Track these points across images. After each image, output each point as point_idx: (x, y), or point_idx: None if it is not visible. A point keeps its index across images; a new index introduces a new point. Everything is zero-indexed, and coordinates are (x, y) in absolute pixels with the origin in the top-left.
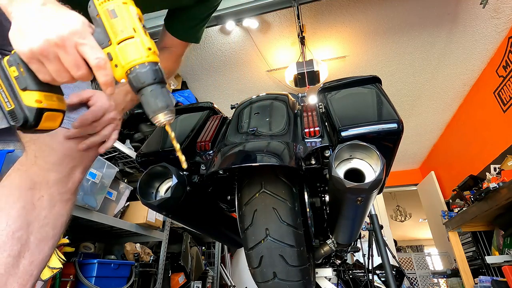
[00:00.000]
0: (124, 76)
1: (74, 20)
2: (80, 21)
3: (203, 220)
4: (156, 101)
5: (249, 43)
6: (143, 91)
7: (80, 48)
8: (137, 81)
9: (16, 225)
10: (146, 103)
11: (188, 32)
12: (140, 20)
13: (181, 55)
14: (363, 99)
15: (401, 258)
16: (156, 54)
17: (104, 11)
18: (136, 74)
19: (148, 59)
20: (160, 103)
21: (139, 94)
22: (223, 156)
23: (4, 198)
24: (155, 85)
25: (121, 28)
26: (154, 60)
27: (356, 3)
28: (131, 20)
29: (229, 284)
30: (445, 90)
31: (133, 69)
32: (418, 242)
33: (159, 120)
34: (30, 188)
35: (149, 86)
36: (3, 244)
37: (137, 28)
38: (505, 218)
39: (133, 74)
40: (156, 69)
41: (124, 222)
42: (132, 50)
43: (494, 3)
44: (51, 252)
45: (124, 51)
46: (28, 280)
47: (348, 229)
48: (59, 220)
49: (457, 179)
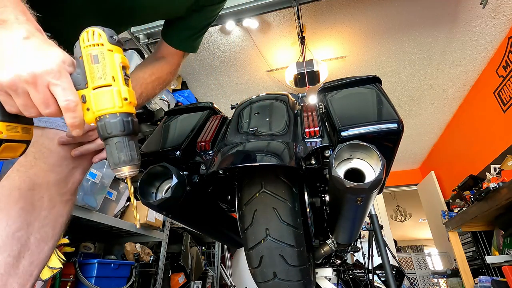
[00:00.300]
0: (93, 121)
1: (53, 58)
2: (59, 60)
3: (203, 220)
4: (120, 154)
5: (249, 43)
6: (109, 141)
7: (52, 88)
8: (104, 130)
9: (16, 226)
10: (109, 153)
11: (184, 41)
12: (125, 68)
13: (178, 64)
14: (363, 99)
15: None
16: (132, 105)
17: (87, 55)
18: (104, 123)
19: (121, 109)
20: (123, 156)
21: (104, 142)
22: (223, 156)
23: (4, 198)
24: (122, 137)
25: (100, 75)
26: (128, 111)
27: (356, 3)
28: (113, 68)
29: (229, 284)
30: (445, 90)
31: (102, 117)
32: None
33: (119, 174)
34: (30, 189)
35: (115, 138)
36: (3, 244)
37: (117, 77)
38: (505, 218)
39: (101, 122)
40: (127, 121)
41: (124, 222)
42: (106, 98)
43: (494, 3)
44: (51, 252)
45: (98, 98)
46: (28, 280)
47: (348, 229)
48: (59, 220)
49: (457, 179)
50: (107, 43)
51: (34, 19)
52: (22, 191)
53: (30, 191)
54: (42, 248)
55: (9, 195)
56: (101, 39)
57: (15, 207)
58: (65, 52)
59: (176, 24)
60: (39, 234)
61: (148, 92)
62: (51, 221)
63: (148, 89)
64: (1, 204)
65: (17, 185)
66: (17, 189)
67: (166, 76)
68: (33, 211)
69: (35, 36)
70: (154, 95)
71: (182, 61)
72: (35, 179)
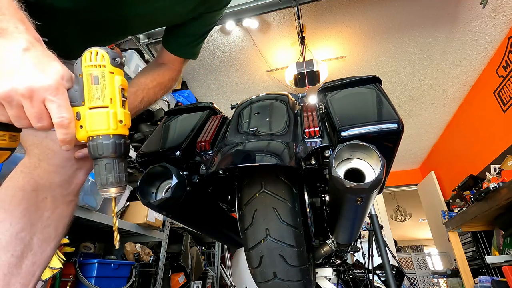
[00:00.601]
0: (85, 139)
1: (52, 74)
2: (58, 76)
3: (203, 220)
4: (108, 175)
5: (249, 43)
6: (98, 162)
7: (47, 103)
8: (95, 150)
9: (19, 226)
10: (97, 173)
11: (183, 48)
12: (123, 90)
13: (179, 70)
14: (363, 99)
15: (401, 258)
16: (126, 127)
17: (87, 75)
18: (96, 143)
19: (114, 131)
20: (111, 178)
21: (94, 162)
22: (223, 156)
23: (7, 199)
24: (112, 159)
25: (98, 96)
26: (121, 133)
27: (356, 3)
28: (112, 91)
29: (229, 284)
30: (445, 90)
31: (95, 137)
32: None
33: (105, 194)
34: (33, 189)
35: (105, 159)
36: (7, 244)
37: (116, 99)
38: (505, 218)
39: (93, 142)
40: (119, 143)
41: (124, 222)
42: (101, 119)
43: (494, 3)
44: (53, 253)
45: (93, 118)
46: (30, 280)
47: (348, 229)
48: (61, 221)
49: (457, 179)
50: (109, 65)
51: (33, 27)
52: (26, 192)
53: (34, 192)
54: (45, 249)
55: (13, 196)
56: (103, 60)
57: (18, 208)
58: (64, 66)
59: (175, 32)
60: (42, 234)
61: (149, 97)
62: (54, 221)
63: (150, 94)
64: (5, 204)
65: (21, 186)
66: (21, 190)
67: (168, 82)
68: (36, 211)
69: (35, 47)
70: (155, 100)
71: (183, 67)
72: (39, 180)
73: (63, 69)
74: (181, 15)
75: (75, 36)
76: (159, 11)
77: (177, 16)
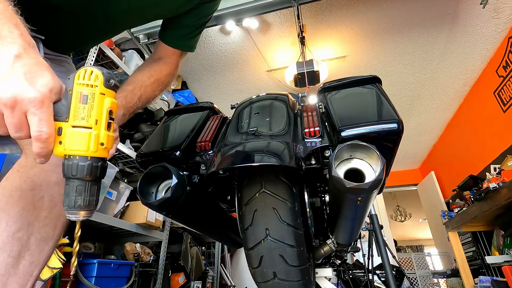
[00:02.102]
0: (62, 156)
1: (39, 86)
2: (46, 89)
3: (203, 220)
4: (77, 198)
5: (249, 43)
6: (70, 182)
7: (29, 115)
8: (69, 170)
9: (16, 226)
10: (66, 194)
11: (180, 40)
12: (112, 112)
13: (177, 65)
14: (363, 99)
15: (401, 258)
16: (107, 150)
17: (77, 93)
18: (72, 163)
19: (93, 154)
20: (79, 201)
21: (66, 181)
22: (223, 156)
23: (4, 199)
24: (85, 182)
25: (83, 116)
26: (101, 156)
27: (356, 3)
28: (99, 112)
29: (229, 284)
30: (445, 90)
31: (72, 157)
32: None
33: (71, 216)
34: (30, 189)
35: (77, 180)
36: (4, 244)
37: (101, 121)
38: (505, 218)
39: (69, 161)
40: (96, 166)
41: (124, 222)
42: (81, 140)
43: (494, 3)
44: (51, 253)
45: (73, 137)
46: (28, 280)
47: (348, 229)
48: (59, 220)
49: (457, 179)
50: (102, 86)
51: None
52: (23, 191)
53: (31, 191)
54: (43, 248)
55: (10, 196)
56: (97, 81)
57: (15, 207)
58: (55, 77)
59: (171, 24)
60: (40, 234)
61: (147, 95)
62: (52, 221)
63: (147, 91)
64: (2, 204)
65: (18, 185)
66: (18, 190)
67: (165, 77)
68: (33, 211)
69: (28, 54)
70: (153, 97)
71: (180, 61)
72: (36, 180)
73: (53, 80)
74: (177, 7)
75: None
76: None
77: (173, 8)
